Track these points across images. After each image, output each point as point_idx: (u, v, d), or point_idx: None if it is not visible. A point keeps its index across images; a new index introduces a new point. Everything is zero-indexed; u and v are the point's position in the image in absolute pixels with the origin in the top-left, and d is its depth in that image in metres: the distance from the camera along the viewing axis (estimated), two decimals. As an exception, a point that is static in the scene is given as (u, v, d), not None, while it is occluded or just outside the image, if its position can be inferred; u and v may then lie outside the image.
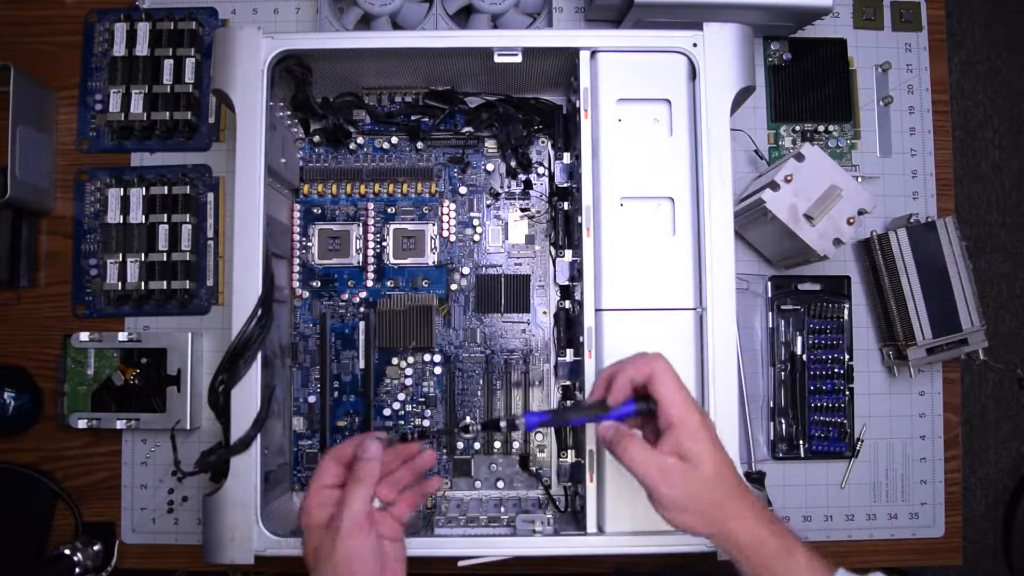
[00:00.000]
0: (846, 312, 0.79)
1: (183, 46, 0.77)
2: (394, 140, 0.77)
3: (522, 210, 0.78)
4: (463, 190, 0.77)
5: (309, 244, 0.77)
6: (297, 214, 0.77)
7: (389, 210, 0.77)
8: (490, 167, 0.78)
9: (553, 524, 0.66)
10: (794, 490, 0.79)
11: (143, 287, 0.75)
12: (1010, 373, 1.50)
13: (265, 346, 0.63)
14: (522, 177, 0.77)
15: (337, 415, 0.76)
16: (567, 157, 0.69)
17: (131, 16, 0.78)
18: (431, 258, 0.77)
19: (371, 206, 0.77)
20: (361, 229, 0.77)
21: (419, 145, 0.77)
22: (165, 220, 0.76)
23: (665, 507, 0.50)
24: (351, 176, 0.77)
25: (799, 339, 0.79)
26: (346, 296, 0.76)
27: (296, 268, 0.76)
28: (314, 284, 0.76)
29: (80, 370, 0.76)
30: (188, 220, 0.76)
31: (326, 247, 0.77)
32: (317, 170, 0.77)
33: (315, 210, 0.77)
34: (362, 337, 0.76)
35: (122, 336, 0.75)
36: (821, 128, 0.82)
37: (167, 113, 0.76)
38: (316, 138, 0.77)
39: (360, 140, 0.77)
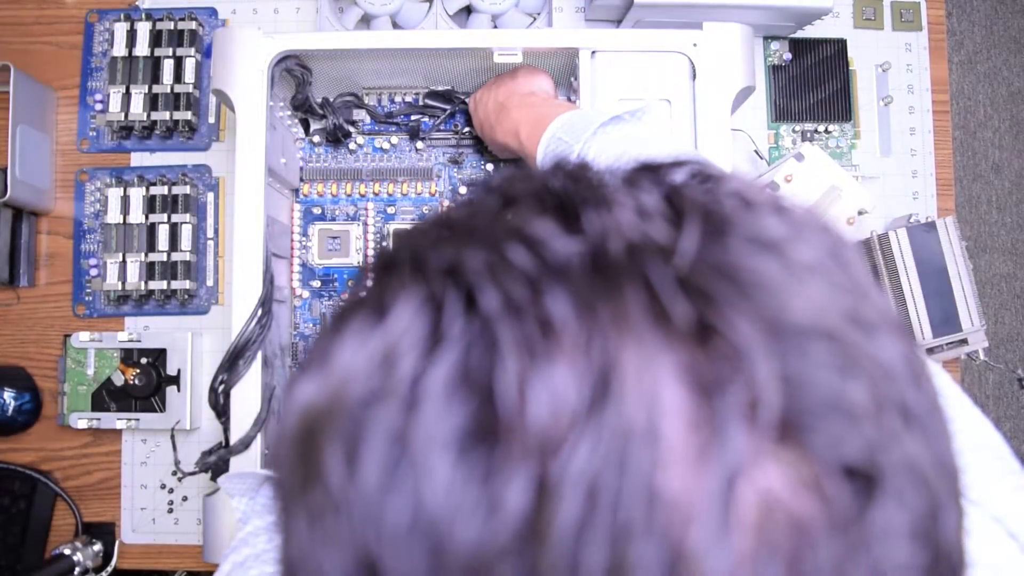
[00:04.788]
0: (846, 312, 0.79)
1: (183, 46, 0.77)
2: (394, 140, 0.77)
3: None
4: (463, 190, 0.77)
5: (309, 244, 0.77)
6: (297, 214, 0.77)
7: (389, 210, 0.77)
8: (490, 167, 0.78)
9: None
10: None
11: (143, 287, 0.75)
12: (1010, 373, 1.50)
13: (265, 346, 0.63)
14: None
15: (337, 415, 0.75)
16: (567, 157, 0.69)
17: (131, 16, 0.78)
18: (431, 258, 0.77)
19: (371, 206, 0.77)
20: (361, 229, 0.77)
21: (419, 145, 0.77)
22: (165, 220, 0.76)
23: None
24: (351, 176, 0.77)
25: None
26: (346, 296, 0.76)
27: (296, 268, 0.76)
28: (314, 284, 0.76)
29: (80, 370, 0.76)
30: (188, 220, 0.76)
31: (326, 247, 0.77)
32: (317, 170, 0.77)
33: (315, 210, 0.77)
34: (362, 337, 0.76)
35: (122, 336, 0.75)
36: (821, 128, 0.82)
37: (167, 113, 0.76)
38: (316, 138, 0.77)
39: (360, 140, 0.77)
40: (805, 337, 0.17)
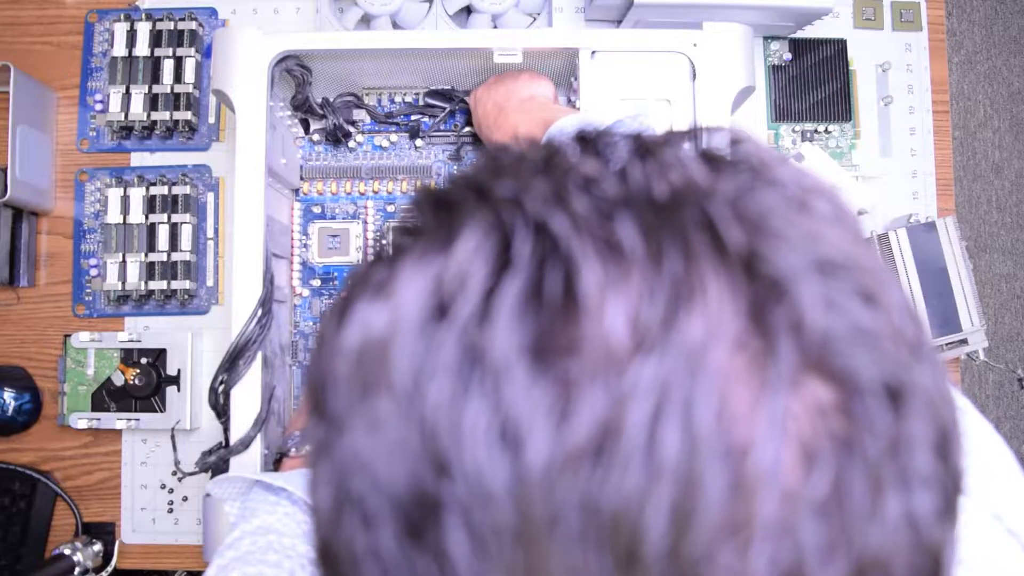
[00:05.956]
0: (846, 312, 0.79)
1: (183, 46, 0.77)
2: (393, 138, 0.78)
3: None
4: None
5: (309, 242, 0.77)
6: (297, 212, 0.77)
7: (389, 208, 0.78)
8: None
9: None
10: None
11: (143, 287, 0.75)
12: (1010, 373, 1.50)
13: (265, 346, 0.63)
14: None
15: (337, 415, 0.75)
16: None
17: (131, 16, 0.78)
18: (431, 258, 0.77)
19: (371, 204, 0.77)
20: (361, 227, 0.77)
21: (418, 143, 0.77)
22: (165, 220, 0.76)
23: None
24: (350, 174, 0.77)
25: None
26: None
27: (296, 266, 0.76)
28: (314, 283, 0.76)
29: (80, 370, 0.76)
30: (188, 220, 0.76)
31: (326, 245, 0.77)
32: (317, 168, 0.77)
33: (315, 208, 0.77)
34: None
35: (122, 336, 0.75)
36: (821, 128, 0.82)
37: (167, 113, 0.76)
38: (316, 136, 0.77)
39: (359, 138, 0.77)
40: (836, 270, 0.19)
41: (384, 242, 0.22)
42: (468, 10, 0.78)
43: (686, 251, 0.18)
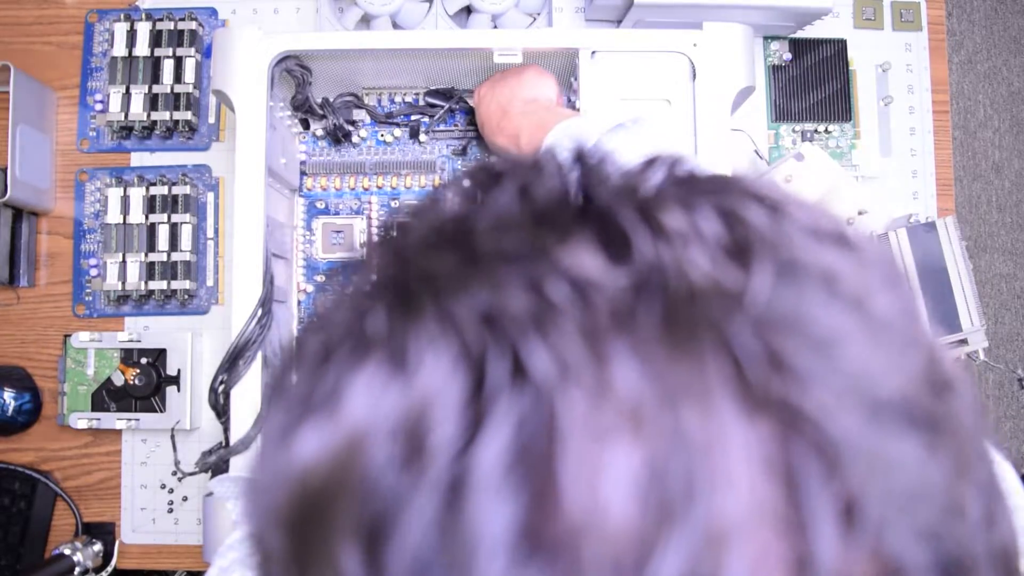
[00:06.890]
0: (846, 312, 0.79)
1: (183, 46, 0.77)
2: (397, 133, 0.78)
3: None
4: (466, 183, 0.77)
5: (313, 238, 0.77)
6: (301, 208, 0.77)
7: (393, 203, 0.78)
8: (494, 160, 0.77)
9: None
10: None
11: (143, 287, 0.75)
12: (1010, 373, 1.50)
13: (265, 346, 0.63)
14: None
15: (337, 415, 0.75)
16: (567, 157, 0.69)
17: (131, 16, 0.78)
18: (431, 257, 0.77)
19: (374, 199, 0.78)
20: (365, 223, 0.77)
21: (422, 138, 0.77)
22: (165, 220, 0.76)
23: None
24: (354, 170, 0.77)
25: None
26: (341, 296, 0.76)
27: (300, 263, 0.76)
28: (318, 279, 0.77)
29: (80, 370, 0.76)
30: (188, 220, 0.76)
31: (330, 241, 0.77)
32: (320, 164, 0.77)
33: (318, 204, 0.77)
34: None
35: (122, 336, 0.75)
36: (821, 128, 0.82)
37: (167, 113, 0.76)
38: (319, 131, 0.77)
39: (363, 133, 0.77)
40: (894, 417, 0.15)
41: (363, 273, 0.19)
42: (468, 10, 0.78)
43: (705, 404, 0.14)
